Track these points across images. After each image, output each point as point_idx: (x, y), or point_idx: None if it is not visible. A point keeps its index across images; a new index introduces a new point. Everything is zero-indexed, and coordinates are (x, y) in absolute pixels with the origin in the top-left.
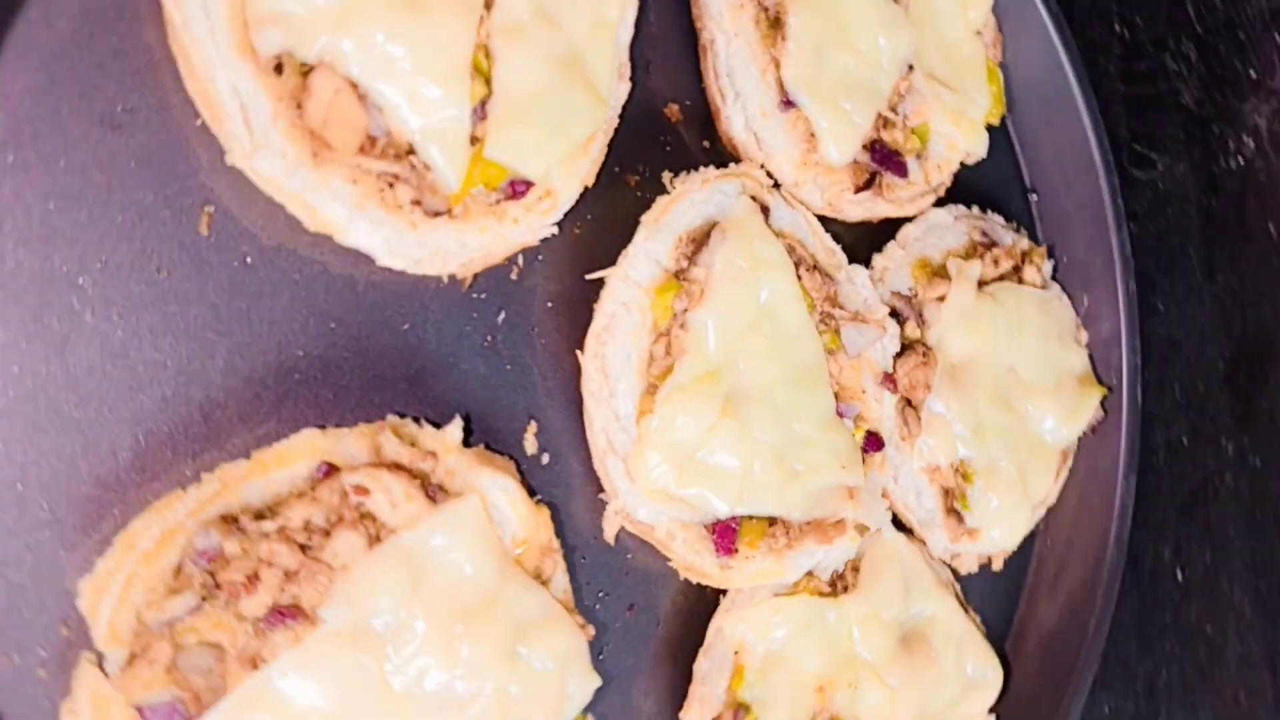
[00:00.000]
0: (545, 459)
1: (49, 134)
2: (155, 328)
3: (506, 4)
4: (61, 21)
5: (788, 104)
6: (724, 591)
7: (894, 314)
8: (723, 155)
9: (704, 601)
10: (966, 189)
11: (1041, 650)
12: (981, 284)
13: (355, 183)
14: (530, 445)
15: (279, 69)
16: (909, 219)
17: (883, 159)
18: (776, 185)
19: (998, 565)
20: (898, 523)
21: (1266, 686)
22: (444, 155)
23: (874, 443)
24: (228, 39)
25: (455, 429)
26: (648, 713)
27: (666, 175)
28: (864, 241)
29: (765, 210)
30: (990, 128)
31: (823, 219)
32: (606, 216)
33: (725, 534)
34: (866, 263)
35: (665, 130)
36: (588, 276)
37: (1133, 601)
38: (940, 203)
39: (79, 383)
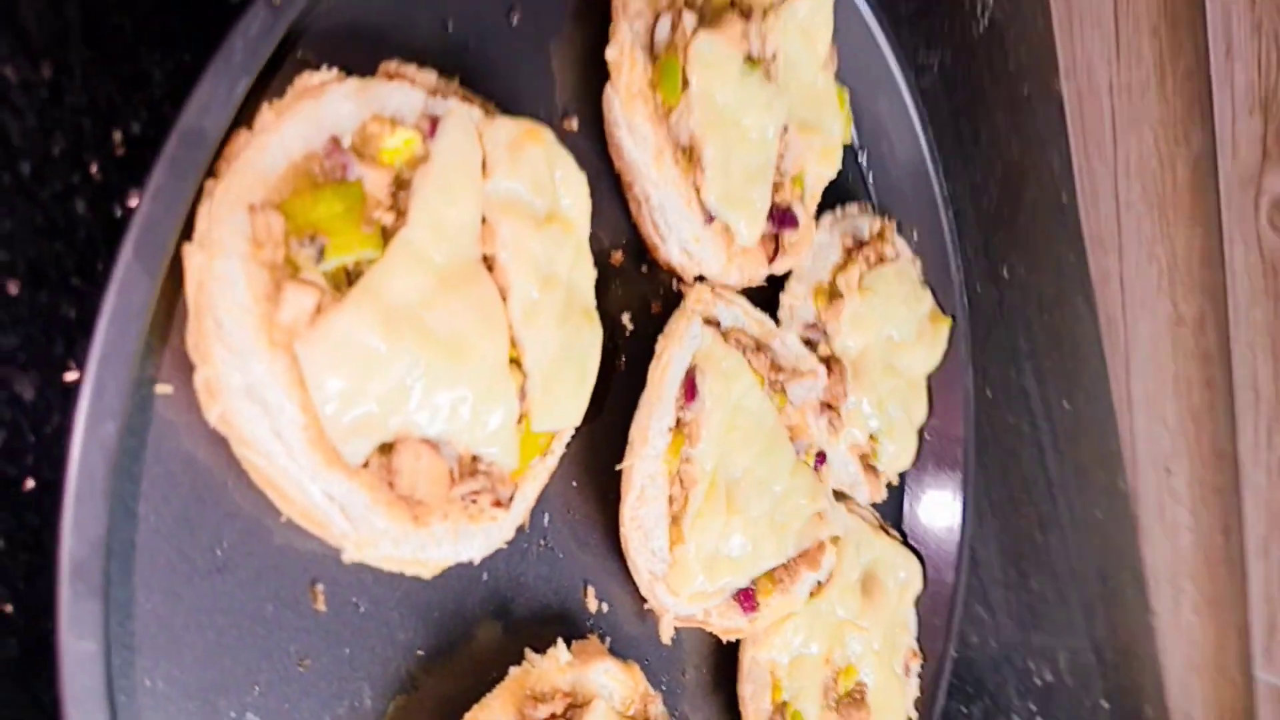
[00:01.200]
0: (605, 607)
1: (173, 613)
2: (315, 709)
3: (519, 290)
4: (141, 507)
5: (710, 218)
6: None
7: (808, 343)
8: (659, 274)
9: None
10: None
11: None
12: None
13: (447, 517)
14: (592, 604)
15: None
16: None
17: (780, 220)
18: (702, 279)
19: (896, 480)
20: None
21: (1044, 433)
22: (504, 451)
23: (821, 459)
24: (310, 458)
25: (562, 652)
26: None
27: (625, 316)
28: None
29: (716, 323)
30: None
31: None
32: None
33: (748, 597)
34: (773, 298)
35: (614, 275)
36: (618, 468)
37: None
38: None
39: None
